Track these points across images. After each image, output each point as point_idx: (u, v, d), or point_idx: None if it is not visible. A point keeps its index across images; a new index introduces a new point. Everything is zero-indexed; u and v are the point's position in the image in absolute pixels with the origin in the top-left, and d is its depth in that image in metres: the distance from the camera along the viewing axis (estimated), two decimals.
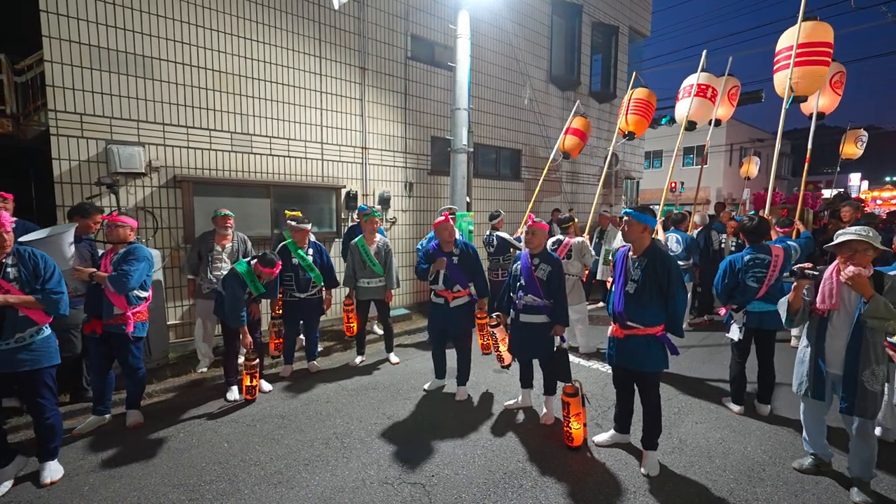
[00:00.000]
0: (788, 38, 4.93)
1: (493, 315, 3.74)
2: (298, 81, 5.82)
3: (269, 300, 4.64)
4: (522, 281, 3.43)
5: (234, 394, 3.90)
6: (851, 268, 2.40)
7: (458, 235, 4.05)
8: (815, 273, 2.64)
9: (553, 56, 9.50)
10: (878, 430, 3.28)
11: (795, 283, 2.69)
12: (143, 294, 3.40)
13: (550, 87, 9.54)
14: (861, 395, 2.47)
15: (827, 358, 2.62)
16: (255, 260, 3.68)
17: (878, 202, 15.19)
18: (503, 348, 3.77)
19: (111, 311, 3.19)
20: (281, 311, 4.50)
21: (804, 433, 2.89)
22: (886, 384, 3.17)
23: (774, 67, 5.13)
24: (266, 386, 4.11)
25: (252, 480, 2.76)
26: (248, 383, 3.78)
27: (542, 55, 9.29)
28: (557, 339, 3.42)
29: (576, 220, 5.55)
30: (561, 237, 5.13)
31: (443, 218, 3.92)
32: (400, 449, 3.12)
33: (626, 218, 2.85)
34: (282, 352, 4.57)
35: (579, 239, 5.04)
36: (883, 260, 3.96)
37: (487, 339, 4.06)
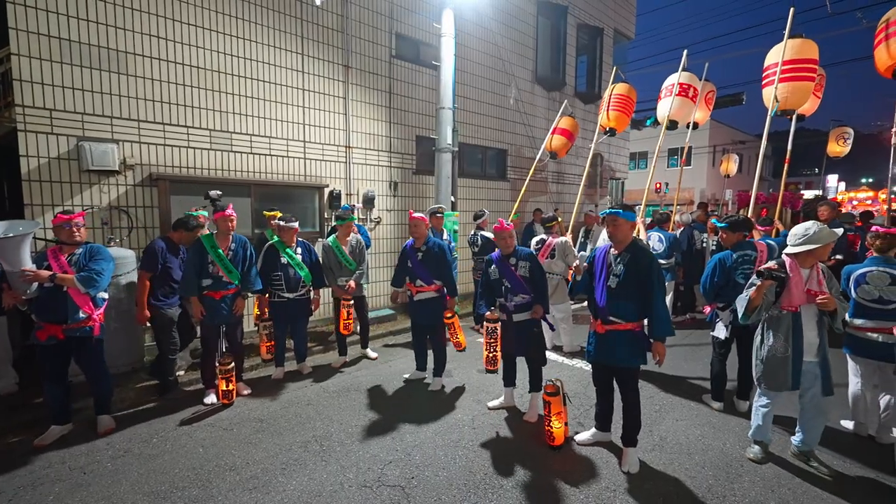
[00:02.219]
0: (776, 55, 5.05)
1: (491, 310, 3.50)
2: (280, 79, 5.72)
3: (255, 302, 4.52)
4: (507, 283, 3.42)
5: (211, 398, 3.80)
6: (819, 300, 2.64)
7: (431, 235, 4.31)
8: (783, 276, 2.68)
9: (539, 56, 9.52)
10: (850, 424, 3.35)
11: (760, 283, 2.71)
12: (105, 296, 3.30)
13: (536, 88, 9.57)
14: (829, 376, 2.75)
15: (805, 349, 2.73)
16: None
17: (854, 203, 15.59)
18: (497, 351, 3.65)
19: (76, 315, 3.06)
20: (268, 313, 4.38)
21: (759, 423, 2.95)
22: (859, 380, 3.25)
23: (763, 82, 5.26)
24: (245, 389, 4.02)
25: (226, 486, 2.68)
26: (224, 387, 3.68)
27: (528, 55, 9.31)
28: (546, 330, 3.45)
29: (559, 219, 5.56)
30: (544, 237, 5.13)
31: (419, 217, 4.12)
32: (380, 451, 3.07)
33: (613, 218, 2.81)
34: (275, 351, 4.44)
35: (563, 238, 5.04)
36: (851, 257, 4.05)
37: (458, 338, 4.01)
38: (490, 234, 5.86)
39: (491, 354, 3.39)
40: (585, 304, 3.23)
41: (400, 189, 7.12)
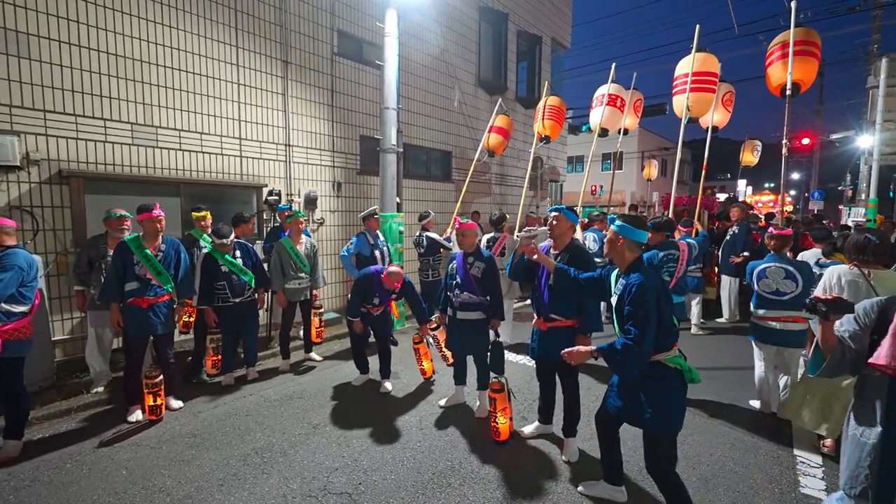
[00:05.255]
0: (685, 66, 5.57)
1: (433, 318, 3.77)
2: (212, 71, 5.38)
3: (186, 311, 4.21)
4: (458, 279, 3.49)
5: (136, 415, 3.49)
6: None
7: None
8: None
9: (481, 60, 9.73)
10: (757, 404, 3.75)
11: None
12: (19, 308, 2.91)
13: (479, 91, 9.76)
14: None
15: None
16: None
17: (759, 205, 17.50)
18: (444, 347, 3.79)
19: None
20: (216, 323, 4.17)
21: None
22: (762, 364, 3.62)
23: (673, 91, 5.77)
24: (175, 403, 3.73)
25: None
26: (152, 402, 3.40)
27: (471, 59, 9.48)
28: (492, 333, 3.53)
29: (508, 216, 5.74)
30: (496, 235, 5.29)
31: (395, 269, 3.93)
32: (326, 459, 2.99)
33: (556, 214, 2.97)
34: (221, 364, 4.26)
35: (514, 236, 5.25)
36: (756, 254, 4.55)
37: (423, 365, 4.13)
38: (435, 235, 5.91)
39: (440, 353, 3.69)
40: (528, 301, 3.37)
41: (344, 189, 6.96)
